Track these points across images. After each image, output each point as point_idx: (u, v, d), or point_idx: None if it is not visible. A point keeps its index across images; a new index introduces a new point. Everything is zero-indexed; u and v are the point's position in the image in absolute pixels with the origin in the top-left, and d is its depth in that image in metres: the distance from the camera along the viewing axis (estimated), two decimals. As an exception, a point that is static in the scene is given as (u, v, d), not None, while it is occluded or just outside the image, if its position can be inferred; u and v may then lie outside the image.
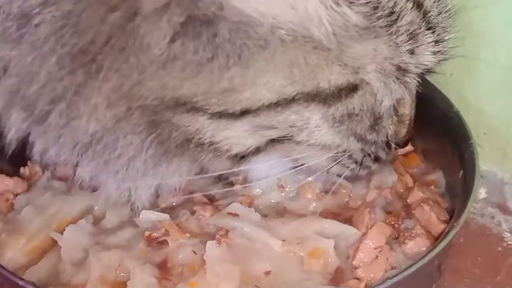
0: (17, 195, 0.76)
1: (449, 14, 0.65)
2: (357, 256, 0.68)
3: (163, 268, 0.68)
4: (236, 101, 0.60)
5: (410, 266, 0.64)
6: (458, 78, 0.78)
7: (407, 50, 0.62)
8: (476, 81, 0.79)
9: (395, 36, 0.60)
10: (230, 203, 0.73)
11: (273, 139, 0.65)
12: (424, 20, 0.61)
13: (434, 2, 0.62)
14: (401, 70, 0.63)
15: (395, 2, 0.59)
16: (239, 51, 0.57)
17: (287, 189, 0.75)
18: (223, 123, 0.62)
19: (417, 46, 0.62)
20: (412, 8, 0.60)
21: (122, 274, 0.67)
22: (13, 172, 0.78)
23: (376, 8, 0.57)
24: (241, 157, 0.66)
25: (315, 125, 0.64)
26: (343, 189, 0.75)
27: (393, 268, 0.68)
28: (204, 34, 0.56)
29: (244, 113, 0.61)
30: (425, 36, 0.62)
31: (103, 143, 0.63)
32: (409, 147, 0.81)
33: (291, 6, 0.55)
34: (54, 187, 0.77)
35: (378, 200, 0.75)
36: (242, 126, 0.62)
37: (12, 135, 0.66)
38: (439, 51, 0.64)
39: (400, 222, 0.72)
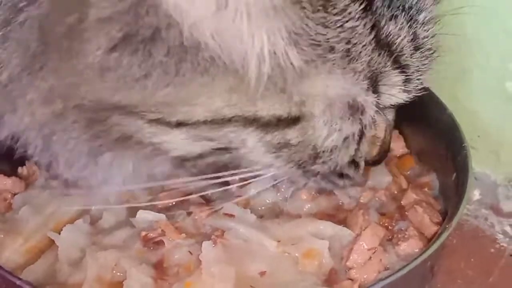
0: (15, 194, 0.77)
1: (428, 54, 0.64)
2: (351, 257, 0.69)
3: (159, 268, 0.68)
4: (172, 113, 0.60)
5: (403, 267, 0.65)
6: (452, 81, 0.79)
7: (367, 88, 0.61)
8: (470, 85, 0.80)
9: (351, 74, 0.59)
10: (226, 204, 0.73)
11: (218, 148, 0.64)
12: (390, 60, 0.60)
13: (409, 41, 0.61)
14: (356, 108, 0.62)
15: (354, 44, 0.58)
16: (174, 74, 0.57)
17: (283, 190, 0.75)
18: (161, 129, 0.61)
19: (380, 85, 0.61)
20: (374, 49, 0.59)
21: (118, 274, 0.67)
22: (11, 171, 0.79)
23: (331, 49, 0.57)
24: (184, 160, 0.66)
25: (252, 146, 0.64)
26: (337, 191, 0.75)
27: (386, 269, 0.69)
28: (140, 52, 0.56)
29: (180, 124, 0.61)
30: (392, 75, 0.61)
31: (41, 136, 0.64)
32: (404, 150, 0.82)
33: (240, 39, 0.54)
34: (52, 186, 0.77)
35: (373, 201, 0.75)
36: (180, 134, 0.62)
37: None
38: (409, 90, 0.64)
39: (393, 224, 0.73)
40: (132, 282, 0.66)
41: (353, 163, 0.69)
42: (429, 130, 0.79)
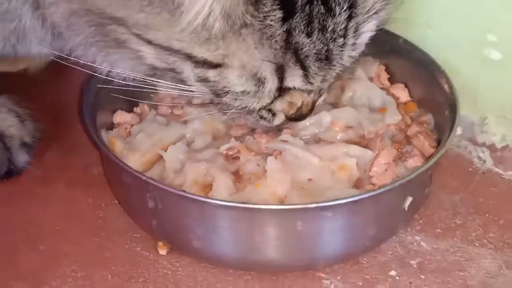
0: (132, 125, 0.78)
1: (338, 65, 0.62)
2: (372, 169, 0.70)
3: (236, 175, 0.70)
4: (145, 32, 0.60)
5: (411, 173, 0.66)
6: (443, 49, 0.79)
7: (272, 71, 0.60)
8: (456, 51, 0.80)
9: (261, 55, 0.59)
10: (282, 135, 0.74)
11: (170, 68, 0.64)
12: (294, 59, 0.60)
13: (317, 53, 0.60)
14: (259, 78, 0.61)
15: (267, 37, 0.58)
16: (147, 4, 0.57)
17: (324, 123, 0.75)
18: (141, 42, 0.61)
19: (285, 73, 0.61)
20: (282, 47, 0.58)
21: (208, 178, 0.69)
22: (129, 109, 0.80)
23: (251, 32, 0.57)
24: (153, 68, 0.65)
25: (188, 74, 0.63)
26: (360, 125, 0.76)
27: (397, 177, 0.70)
28: None
29: (150, 42, 0.61)
30: (294, 70, 0.61)
31: (65, 26, 0.64)
32: (408, 98, 0.82)
33: None
34: (158, 120, 0.78)
35: (386, 133, 0.76)
36: (149, 50, 0.62)
37: None
38: (311, 83, 0.62)
39: (402, 147, 0.74)
40: (219, 184, 0.68)
41: (270, 111, 0.68)
42: (427, 82, 0.79)
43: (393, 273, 0.69)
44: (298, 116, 0.70)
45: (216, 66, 0.61)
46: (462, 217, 0.75)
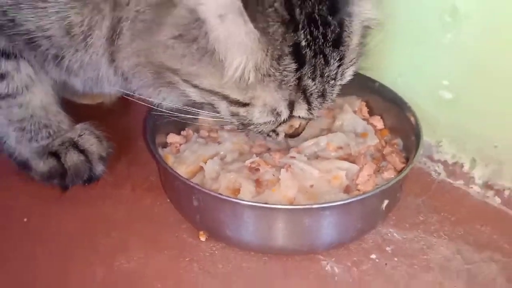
0: (181, 145, 0.78)
1: (329, 100, 0.62)
2: (358, 179, 0.70)
3: (257, 182, 0.70)
4: (193, 79, 0.60)
5: (386, 183, 0.67)
6: (408, 92, 0.79)
7: (285, 106, 0.61)
8: (418, 92, 0.79)
9: (279, 96, 0.59)
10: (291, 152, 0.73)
11: (209, 103, 0.64)
12: (302, 97, 0.60)
13: (318, 92, 0.60)
14: (276, 111, 0.62)
15: (284, 83, 0.58)
16: (198, 60, 0.57)
17: (321, 145, 0.75)
18: (188, 85, 0.61)
19: (295, 107, 0.61)
20: (294, 88, 0.59)
21: (237, 184, 0.69)
22: (178, 132, 0.80)
23: (273, 80, 0.57)
24: (195, 103, 0.65)
25: (223, 110, 0.64)
26: (348, 146, 0.76)
27: (377, 185, 0.70)
28: (184, 44, 0.57)
29: (195, 86, 0.61)
30: (302, 104, 0.61)
31: (132, 74, 0.64)
32: (382, 126, 0.81)
33: (233, 55, 0.55)
34: (199, 141, 0.78)
35: (367, 152, 0.75)
36: (194, 90, 0.62)
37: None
38: (311, 113, 0.62)
39: (379, 163, 0.74)
40: (245, 189, 0.68)
41: (275, 132, 0.68)
42: (397, 115, 0.78)
43: (373, 256, 0.69)
44: (294, 134, 0.70)
45: (245, 105, 0.62)
46: (424, 215, 0.74)
